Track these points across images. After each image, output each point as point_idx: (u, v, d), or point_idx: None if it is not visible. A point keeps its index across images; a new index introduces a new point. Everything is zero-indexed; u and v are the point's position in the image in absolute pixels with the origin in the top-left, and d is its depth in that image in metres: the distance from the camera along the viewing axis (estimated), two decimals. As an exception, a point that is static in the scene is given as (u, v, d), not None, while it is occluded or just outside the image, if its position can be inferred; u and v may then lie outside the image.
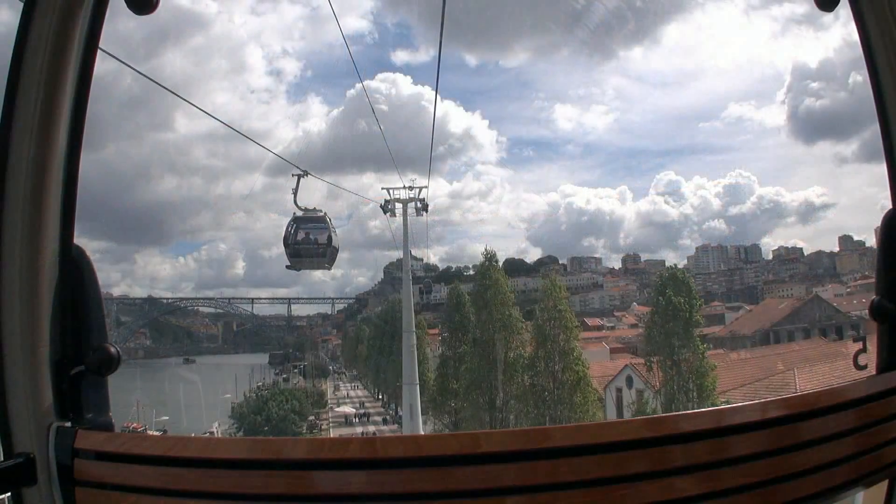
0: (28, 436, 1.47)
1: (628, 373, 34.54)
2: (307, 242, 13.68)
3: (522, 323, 32.43)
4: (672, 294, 27.03)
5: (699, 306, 28.31)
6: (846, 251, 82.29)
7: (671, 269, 30.83)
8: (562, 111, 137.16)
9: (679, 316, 26.56)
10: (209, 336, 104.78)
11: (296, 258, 13.74)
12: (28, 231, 1.47)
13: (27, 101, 1.45)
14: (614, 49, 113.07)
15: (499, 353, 31.09)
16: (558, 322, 29.39)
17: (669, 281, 28.43)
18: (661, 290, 28.79)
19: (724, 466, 1.41)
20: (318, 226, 13.75)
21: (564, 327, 29.38)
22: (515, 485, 1.35)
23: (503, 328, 31.68)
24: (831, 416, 1.54)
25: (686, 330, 26.64)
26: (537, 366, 29.40)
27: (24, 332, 1.47)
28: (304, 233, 13.72)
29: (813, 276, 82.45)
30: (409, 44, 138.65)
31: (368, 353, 59.41)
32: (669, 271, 30.37)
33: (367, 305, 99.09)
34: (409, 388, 29.20)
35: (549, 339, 29.20)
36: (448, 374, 35.09)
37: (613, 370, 36.25)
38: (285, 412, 38.54)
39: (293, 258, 13.75)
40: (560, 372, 28.69)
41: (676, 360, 26.44)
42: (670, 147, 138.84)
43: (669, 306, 26.92)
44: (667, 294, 27.42)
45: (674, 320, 26.76)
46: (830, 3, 1.71)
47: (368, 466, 1.38)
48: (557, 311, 29.66)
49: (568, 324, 29.60)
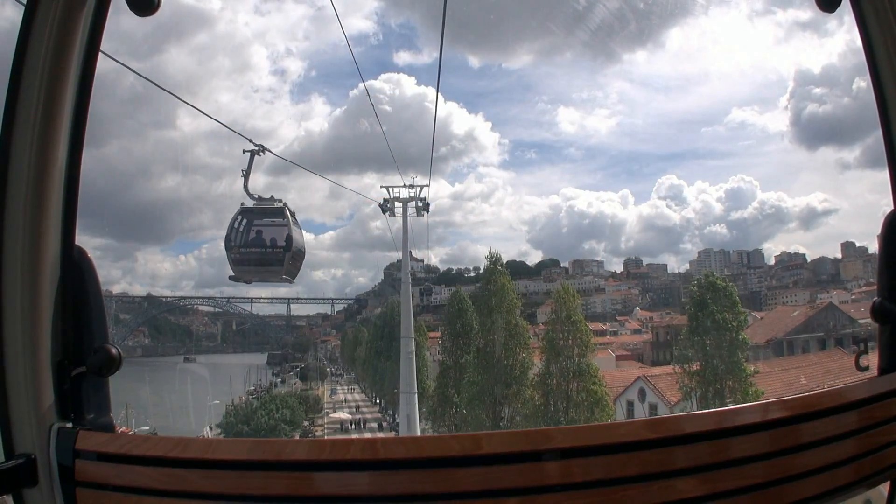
0: (29, 437, 1.45)
1: (641, 385, 31.49)
2: (258, 244, 9.38)
3: (530, 332, 28.76)
4: (715, 308, 21.97)
5: (745, 322, 23.28)
6: (849, 257, 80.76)
7: (709, 277, 25.13)
8: (564, 114, 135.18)
9: (723, 335, 21.54)
10: (208, 335, 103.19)
11: (242, 266, 9.32)
12: (30, 233, 1.45)
13: (29, 101, 1.42)
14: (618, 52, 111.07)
15: (504, 365, 27.34)
16: (572, 335, 25.64)
17: (709, 291, 23.26)
18: (699, 301, 23.43)
19: (725, 468, 1.38)
20: (275, 221, 9.38)
21: (579, 341, 25.60)
22: (516, 486, 1.32)
23: (509, 337, 27.87)
24: (833, 418, 1.50)
25: (731, 352, 21.65)
26: (549, 382, 25.57)
27: (25, 334, 1.45)
28: (255, 231, 9.46)
29: (817, 282, 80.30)
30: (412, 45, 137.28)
31: (367, 357, 56.72)
32: (708, 279, 24.77)
33: (367, 306, 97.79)
34: (406, 398, 26.76)
35: (563, 354, 25.32)
36: (448, 385, 31.30)
37: (622, 380, 32.97)
38: (276, 421, 35.50)
39: (239, 266, 9.31)
40: (575, 392, 24.91)
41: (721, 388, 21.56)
42: (672, 151, 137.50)
43: (711, 323, 21.80)
44: (709, 308, 22.29)
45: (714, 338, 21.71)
46: (832, 4, 1.66)
47: (370, 468, 1.35)
48: (571, 323, 25.90)
49: (584, 337, 25.75)
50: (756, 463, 1.39)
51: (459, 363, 30.74)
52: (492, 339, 28.29)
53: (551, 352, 25.87)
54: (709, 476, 1.36)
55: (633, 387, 31.95)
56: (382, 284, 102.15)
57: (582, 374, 24.97)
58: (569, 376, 25.08)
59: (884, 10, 1.60)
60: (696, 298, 23.81)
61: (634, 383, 31.81)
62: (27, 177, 1.43)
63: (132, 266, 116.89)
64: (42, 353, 1.46)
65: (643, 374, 32.53)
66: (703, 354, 22.26)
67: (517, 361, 27.40)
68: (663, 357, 51.29)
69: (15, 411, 1.45)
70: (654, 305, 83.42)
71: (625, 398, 31.44)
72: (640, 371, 38.10)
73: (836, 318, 48.00)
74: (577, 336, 25.69)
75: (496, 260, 30.22)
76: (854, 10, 1.66)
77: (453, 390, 30.72)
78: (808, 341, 45.65)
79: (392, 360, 40.48)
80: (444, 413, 31.42)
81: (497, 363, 27.48)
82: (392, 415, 46.32)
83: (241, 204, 9.36)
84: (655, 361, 49.94)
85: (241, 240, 9.29)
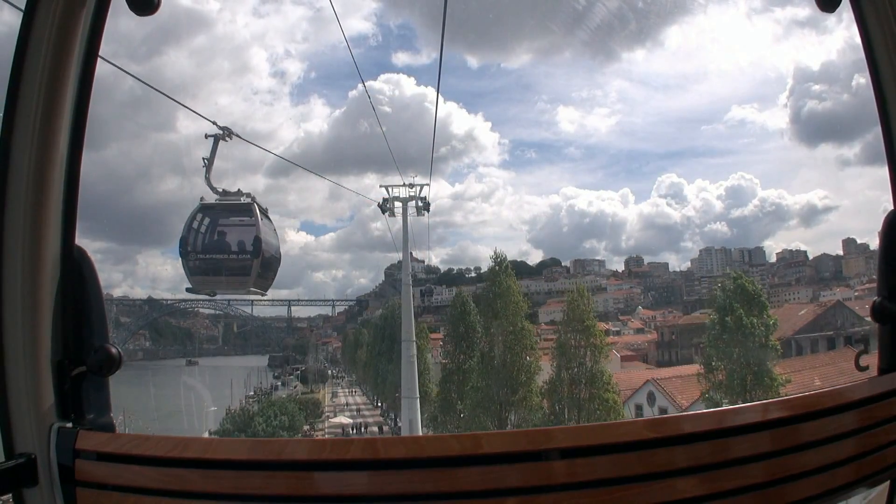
0: (29, 436, 1.44)
1: (650, 389, 30.14)
2: (221, 249, 7.41)
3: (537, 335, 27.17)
4: (744, 313, 19.65)
5: (774, 327, 20.89)
6: (851, 254, 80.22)
7: (736, 278, 22.12)
8: (564, 113, 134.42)
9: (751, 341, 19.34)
10: (209, 337, 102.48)
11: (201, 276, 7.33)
12: (30, 232, 1.45)
13: (29, 103, 1.42)
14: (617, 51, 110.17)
15: (510, 370, 25.60)
16: (585, 340, 23.71)
17: (736, 294, 20.67)
18: (726, 306, 20.93)
19: (726, 467, 1.37)
20: (242, 221, 7.38)
21: (592, 346, 23.63)
22: (517, 486, 1.31)
23: (515, 341, 26.09)
24: (833, 418, 1.50)
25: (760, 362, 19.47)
26: (559, 390, 23.68)
27: (25, 333, 1.44)
28: (217, 233, 7.50)
29: (819, 279, 79.26)
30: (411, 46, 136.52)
31: (368, 359, 55.53)
32: (735, 281, 21.78)
33: (368, 307, 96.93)
34: (408, 402, 25.53)
35: (576, 360, 23.39)
36: (451, 389, 29.65)
37: (629, 382, 31.49)
38: (273, 429, 34.12)
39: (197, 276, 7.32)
40: (587, 400, 23.11)
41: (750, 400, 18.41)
42: (672, 150, 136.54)
43: (740, 329, 19.48)
44: (736, 313, 19.89)
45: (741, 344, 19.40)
46: (832, 4, 1.67)
47: (370, 467, 1.33)
48: (584, 327, 23.97)
49: (598, 343, 23.80)
50: (756, 462, 1.37)
51: (463, 368, 29.13)
52: (497, 343, 26.59)
53: (562, 357, 24.08)
54: (709, 476, 1.34)
55: (641, 390, 30.57)
56: (383, 285, 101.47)
57: (595, 380, 23.22)
58: (581, 383, 23.32)
59: (883, 7, 1.59)
60: (722, 302, 21.56)
61: (643, 386, 30.47)
62: (27, 177, 1.42)
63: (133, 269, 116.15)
64: (42, 352, 1.45)
65: (652, 377, 31.15)
66: (727, 362, 20.42)
67: (523, 366, 25.73)
68: (669, 357, 50.30)
69: (15, 411, 1.44)
70: (656, 304, 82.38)
71: (633, 402, 30.08)
72: (647, 373, 36.89)
73: (845, 316, 46.71)
74: (589, 340, 23.87)
75: (501, 261, 28.57)
76: (853, 6, 1.64)
77: (456, 395, 29.19)
78: (816, 340, 44.32)
79: (393, 362, 39.49)
80: (446, 419, 29.85)
81: (502, 368, 25.80)
82: (394, 418, 45.18)
83: (201, 199, 7.41)
84: (661, 362, 48.87)
85: (201, 243, 7.34)
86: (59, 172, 1.46)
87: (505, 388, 25.44)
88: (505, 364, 25.78)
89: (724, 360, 20.34)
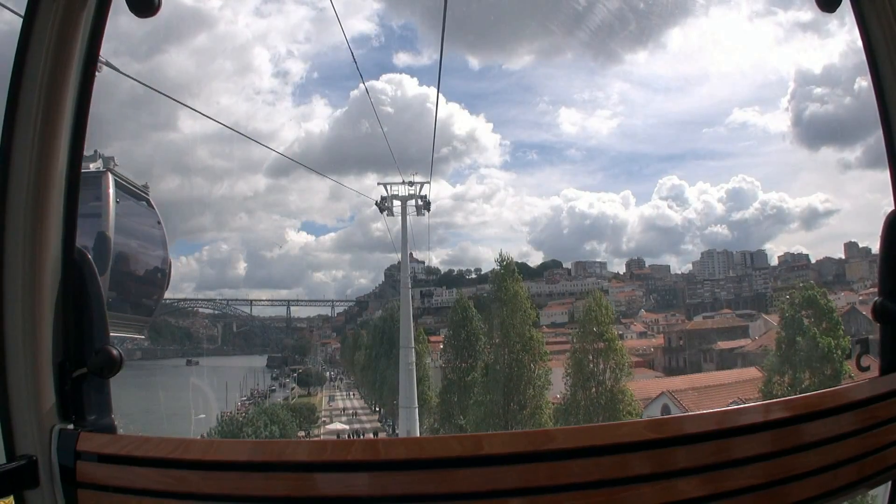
0: (30, 438, 1.43)
1: (665, 401, 27.61)
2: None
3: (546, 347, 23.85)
4: (817, 333, 16.57)
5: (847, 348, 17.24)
6: (853, 258, 78.20)
7: (806, 291, 18.88)
8: (565, 115, 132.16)
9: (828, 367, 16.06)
10: (209, 337, 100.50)
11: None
12: (30, 233, 1.44)
13: (29, 104, 1.41)
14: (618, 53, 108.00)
15: (517, 384, 22.67)
16: (604, 355, 20.53)
17: (804, 307, 17.61)
18: (793, 321, 17.86)
19: (727, 468, 1.35)
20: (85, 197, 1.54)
21: (612, 362, 20.53)
22: (518, 487, 1.30)
23: (523, 351, 23.01)
24: (834, 418, 1.48)
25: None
26: (574, 413, 20.55)
27: (26, 334, 1.43)
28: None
29: (823, 283, 76.93)
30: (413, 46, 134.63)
31: (366, 362, 53.05)
32: (804, 293, 18.55)
33: (368, 308, 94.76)
34: (406, 413, 23.20)
35: (594, 379, 20.26)
36: (452, 402, 26.93)
37: (640, 393, 28.73)
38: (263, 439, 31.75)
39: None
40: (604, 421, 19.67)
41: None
42: (673, 152, 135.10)
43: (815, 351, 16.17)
44: (809, 331, 16.77)
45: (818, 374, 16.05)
46: (832, 4, 1.62)
47: (370, 468, 1.32)
48: (602, 341, 20.78)
49: (619, 359, 20.62)
50: (758, 463, 1.36)
51: (465, 379, 26.29)
52: (502, 354, 23.49)
53: (578, 375, 20.90)
54: (711, 476, 1.33)
55: (655, 402, 28.02)
56: (383, 286, 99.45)
57: (615, 402, 20.10)
58: (599, 406, 20.19)
59: (884, 10, 1.56)
60: (789, 317, 18.22)
61: (658, 399, 27.90)
62: (28, 178, 1.41)
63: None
64: (43, 354, 1.44)
65: (667, 389, 28.52)
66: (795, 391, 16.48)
67: (532, 379, 22.77)
68: (677, 364, 47.91)
69: (16, 413, 1.43)
70: (658, 307, 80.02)
71: (647, 415, 27.53)
72: (658, 382, 34.28)
73: (859, 322, 44.28)
74: (608, 355, 20.69)
75: (507, 264, 25.37)
76: (854, 9, 1.60)
77: (458, 409, 26.40)
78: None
79: (392, 367, 37.08)
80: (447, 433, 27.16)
81: (508, 381, 22.85)
82: (392, 425, 43.02)
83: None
84: (669, 369, 46.49)
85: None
86: (59, 174, 1.44)
87: (512, 403, 22.63)
88: (511, 377, 22.90)
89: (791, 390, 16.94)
